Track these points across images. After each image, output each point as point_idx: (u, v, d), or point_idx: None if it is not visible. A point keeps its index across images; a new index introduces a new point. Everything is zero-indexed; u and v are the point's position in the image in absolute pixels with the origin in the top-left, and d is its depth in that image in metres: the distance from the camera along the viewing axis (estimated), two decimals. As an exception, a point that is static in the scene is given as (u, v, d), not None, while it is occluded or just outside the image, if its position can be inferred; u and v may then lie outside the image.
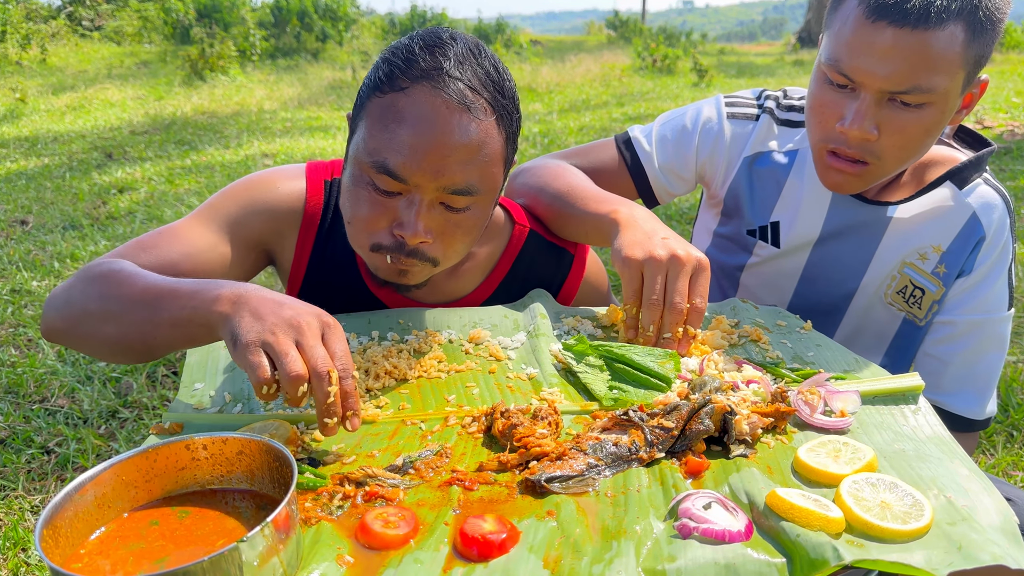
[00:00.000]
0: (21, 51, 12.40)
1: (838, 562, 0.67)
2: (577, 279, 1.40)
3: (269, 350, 0.84)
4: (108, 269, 1.07)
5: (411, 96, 1.06)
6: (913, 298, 1.36)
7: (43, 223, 4.60)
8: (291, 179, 1.29)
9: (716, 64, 13.77)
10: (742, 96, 1.50)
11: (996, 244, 1.32)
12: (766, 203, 1.45)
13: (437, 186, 1.07)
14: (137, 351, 1.02)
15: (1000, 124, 7.30)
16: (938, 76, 1.14)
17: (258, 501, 0.76)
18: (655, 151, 1.49)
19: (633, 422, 0.88)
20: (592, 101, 10.03)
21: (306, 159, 6.47)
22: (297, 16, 15.65)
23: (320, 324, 0.88)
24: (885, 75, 1.15)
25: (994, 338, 1.34)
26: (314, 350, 0.85)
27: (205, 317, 0.91)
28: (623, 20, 21.80)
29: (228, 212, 1.24)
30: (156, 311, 0.96)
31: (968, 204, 1.32)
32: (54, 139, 7.29)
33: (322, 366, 0.84)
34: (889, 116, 1.18)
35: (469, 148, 1.06)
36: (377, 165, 1.07)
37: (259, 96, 10.36)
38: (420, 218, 1.08)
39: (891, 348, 1.44)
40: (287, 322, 0.86)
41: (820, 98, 1.24)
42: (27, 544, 1.93)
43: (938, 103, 1.17)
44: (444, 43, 1.09)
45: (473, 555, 0.71)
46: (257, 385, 0.82)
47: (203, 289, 0.94)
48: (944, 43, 1.12)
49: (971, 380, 1.35)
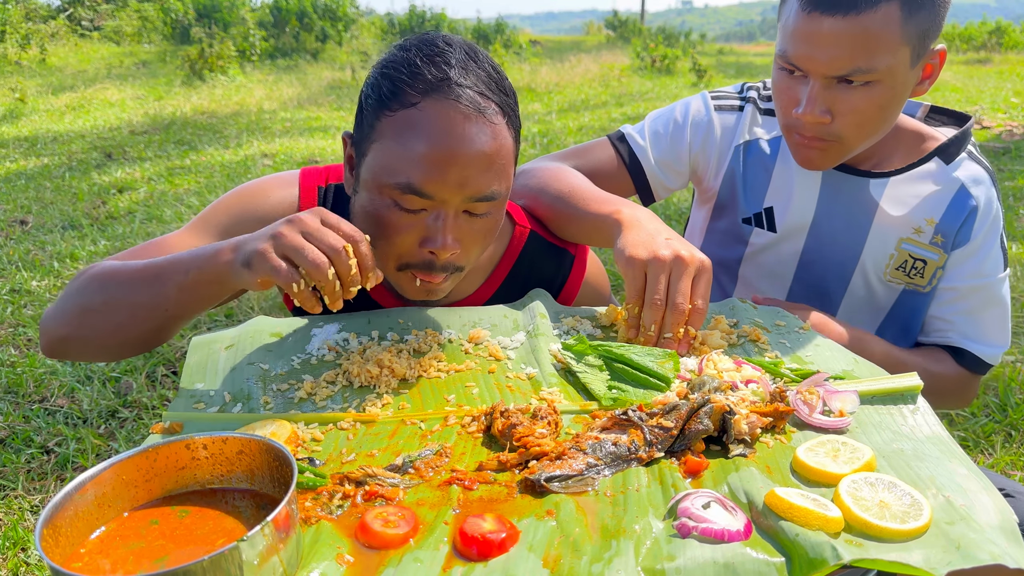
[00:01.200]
0: (20, 51, 12.40)
1: (837, 561, 0.68)
2: (578, 279, 1.41)
3: (283, 250, 0.91)
4: (98, 269, 1.11)
5: (424, 111, 1.05)
6: (915, 270, 1.42)
7: (43, 223, 4.60)
8: (283, 187, 1.29)
9: (715, 64, 13.78)
10: (725, 90, 1.56)
11: (988, 214, 1.39)
12: (758, 190, 1.50)
13: (463, 197, 1.07)
14: (148, 333, 1.05)
15: (999, 124, 7.30)
16: (878, 56, 1.21)
17: (258, 500, 0.76)
18: (649, 146, 1.52)
19: (632, 422, 0.89)
20: (591, 101, 10.03)
21: (305, 159, 6.47)
22: (296, 16, 15.65)
23: (313, 211, 0.96)
24: (826, 61, 1.22)
25: (996, 296, 1.43)
26: (321, 232, 0.93)
27: (213, 270, 0.97)
28: (622, 20, 21.81)
29: (219, 223, 1.25)
30: (161, 283, 1.00)
31: (955, 178, 1.40)
32: (53, 139, 7.29)
33: (336, 242, 0.93)
34: (839, 98, 1.25)
35: (488, 154, 1.07)
36: (401, 186, 1.06)
37: (258, 96, 10.36)
38: (448, 232, 1.08)
39: (888, 317, 1.50)
40: (286, 222, 0.94)
41: (778, 85, 1.34)
42: (27, 544, 1.93)
43: (885, 80, 1.23)
44: (443, 51, 1.08)
45: (473, 554, 0.71)
46: (287, 286, 0.90)
47: (203, 250, 0.99)
48: (879, 24, 1.19)
49: (980, 331, 1.43)
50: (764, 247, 1.52)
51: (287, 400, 1.01)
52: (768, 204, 1.49)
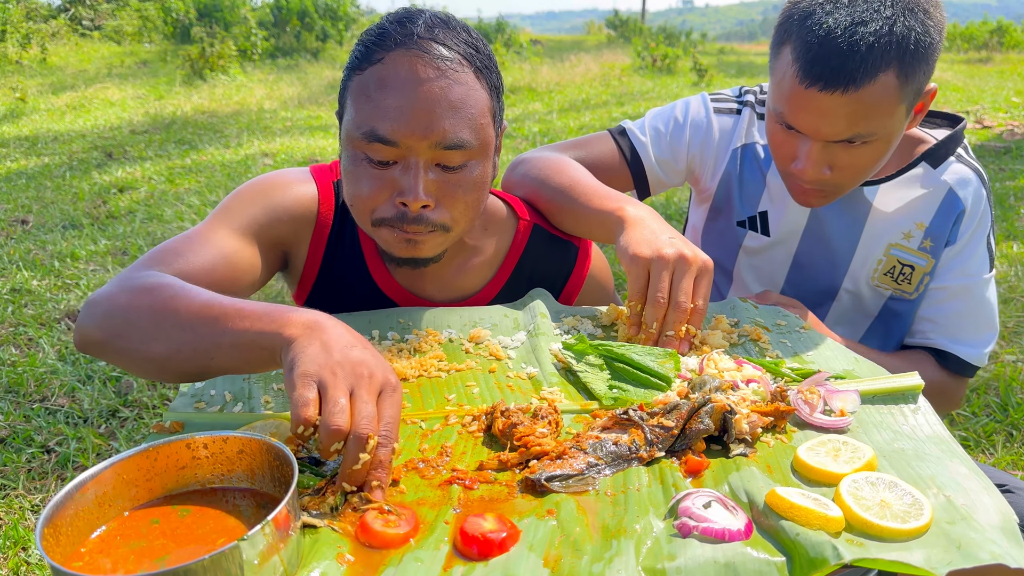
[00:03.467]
0: (21, 50, 12.40)
1: (837, 561, 0.68)
2: (583, 272, 1.41)
3: (322, 389, 0.78)
4: (157, 282, 0.99)
5: (388, 64, 1.08)
6: (902, 276, 1.43)
7: (43, 222, 4.60)
8: (302, 182, 1.29)
9: (716, 64, 13.77)
10: (724, 93, 1.56)
11: (975, 214, 1.39)
12: (754, 194, 1.51)
13: (429, 144, 1.08)
14: (183, 372, 0.94)
15: (1000, 124, 7.30)
16: (878, 120, 1.20)
17: (258, 500, 0.76)
18: (650, 143, 1.54)
19: (633, 421, 0.88)
20: (592, 101, 10.03)
21: (306, 158, 6.47)
22: (297, 16, 15.65)
23: (382, 382, 0.81)
24: (824, 131, 1.22)
25: (982, 297, 1.43)
26: (363, 406, 0.78)
27: (271, 340, 0.85)
28: (623, 20, 21.80)
29: (251, 215, 1.21)
30: (217, 332, 0.89)
31: (943, 181, 1.39)
32: (54, 138, 7.29)
33: (364, 427, 0.76)
34: (838, 155, 1.25)
35: (453, 101, 1.08)
36: (367, 135, 1.08)
37: (259, 95, 10.36)
38: (419, 180, 1.09)
39: (875, 323, 1.50)
40: (352, 367, 0.80)
41: (774, 136, 1.32)
42: (27, 543, 1.93)
43: (883, 136, 1.23)
44: (413, 14, 1.12)
45: (473, 554, 0.71)
46: (295, 423, 0.76)
47: (273, 311, 0.87)
48: (878, 94, 1.18)
49: (964, 333, 1.42)
50: (757, 250, 1.53)
51: (288, 400, 1.01)
52: (762, 208, 1.50)
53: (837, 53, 1.15)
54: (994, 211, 1.45)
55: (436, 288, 1.32)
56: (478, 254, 1.33)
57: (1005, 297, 3.33)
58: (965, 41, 18.15)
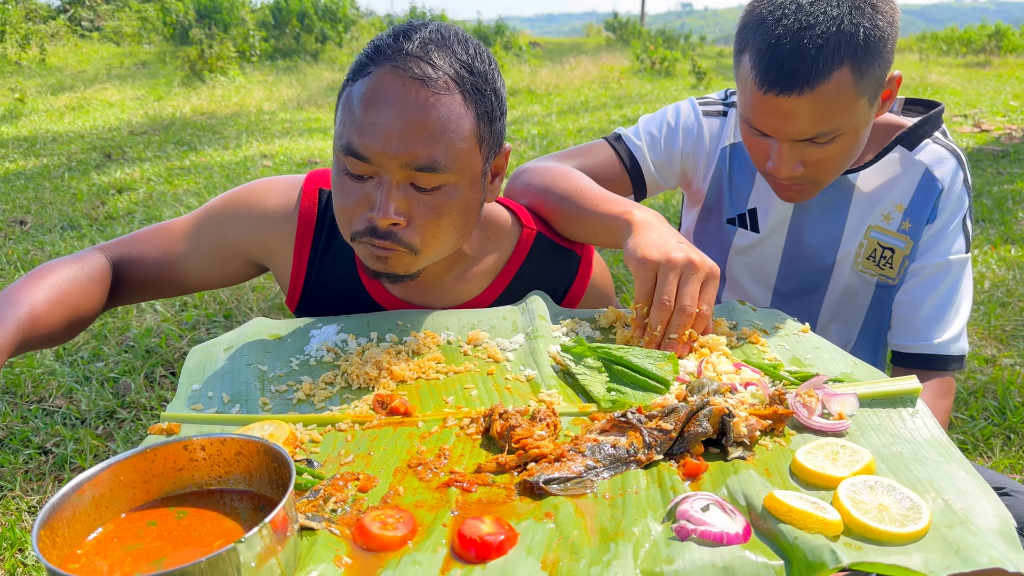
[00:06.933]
0: (20, 51, 12.40)
1: (836, 564, 0.67)
2: (584, 280, 1.41)
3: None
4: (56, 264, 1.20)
5: (372, 78, 1.08)
6: (884, 259, 1.46)
7: (42, 223, 4.60)
8: (285, 188, 1.31)
9: (715, 66, 13.77)
10: (710, 97, 1.61)
11: (952, 193, 1.42)
12: (743, 191, 1.55)
13: (400, 163, 1.07)
14: None
15: (998, 127, 7.31)
16: (839, 116, 1.24)
17: (256, 502, 0.76)
18: (646, 148, 1.57)
19: (631, 424, 0.88)
20: (591, 103, 10.03)
21: (305, 160, 6.47)
22: (297, 17, 15.65)
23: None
24: (789, 132, 1.27)
25: (959, 278, 1.44)
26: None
27: None
28: (622, 22, 21.81)
29: (213, 218, 1.30)
30: None
31: (919, 162, 1.43)
32: (53, 139, 7.29)
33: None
34: (808, 152, 1.30)
35: (427, 123, 1.07)
36: (344, 148, 1.09)
37: (258, 97, 10.36)
38: (389, 198, 1.08)
39: (868, 317, 1.53)
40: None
41: (747, 139, 1.37)
42: (24, 545, 1.92)
43: (850, 130, 1.27)
44: (413, 29, 1.11)
45: (471, 557, 0.71)
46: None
47: None
48: (835, 91, 1.22)
49: (942, 317, 1.43)
50: (748, 248, 1.57)
51: (285, 401, 1.01)
52: (752, 205, 1.54)
53: (789, 57, 1.20)
54: (993, 214, 1.45)
55: (434, 296, 1.32)
56: (478, 263, 1.33)
57: (1003, 301, 3.34)
58: (963, 45, 18.16)
